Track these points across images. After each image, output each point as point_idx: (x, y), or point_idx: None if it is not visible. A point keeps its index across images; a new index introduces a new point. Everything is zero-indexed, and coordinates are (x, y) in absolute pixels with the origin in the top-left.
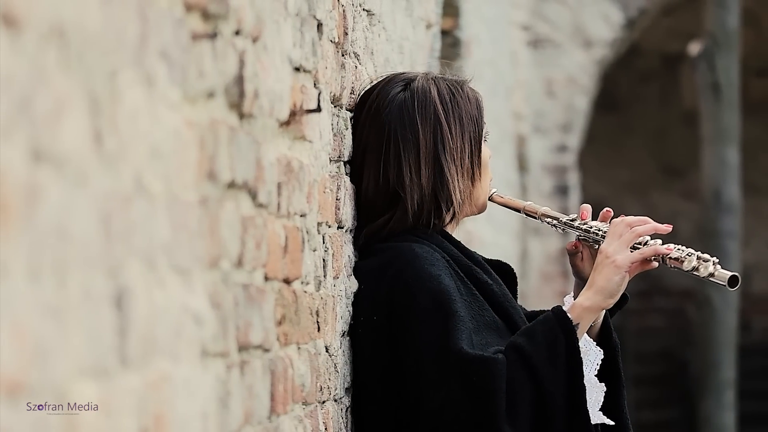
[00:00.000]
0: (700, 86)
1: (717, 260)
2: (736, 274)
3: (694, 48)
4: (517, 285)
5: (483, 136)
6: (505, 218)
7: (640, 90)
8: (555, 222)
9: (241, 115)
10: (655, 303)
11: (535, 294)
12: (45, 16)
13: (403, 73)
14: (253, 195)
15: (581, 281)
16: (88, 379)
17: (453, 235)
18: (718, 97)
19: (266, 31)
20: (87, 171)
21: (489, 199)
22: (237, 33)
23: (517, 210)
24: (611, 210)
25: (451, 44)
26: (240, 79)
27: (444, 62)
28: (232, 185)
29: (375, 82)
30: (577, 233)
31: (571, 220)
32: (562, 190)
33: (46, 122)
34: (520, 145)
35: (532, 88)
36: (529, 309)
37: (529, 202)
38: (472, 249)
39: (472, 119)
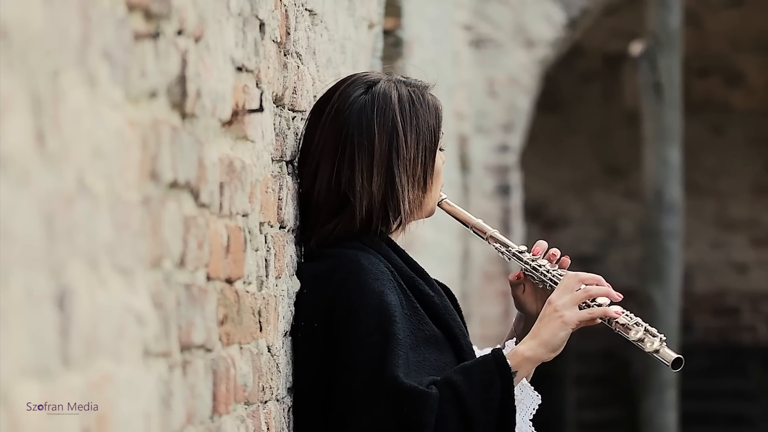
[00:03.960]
0: (642, 86)
1: (664, 338)
2: (681, 357)
3: (636, 48)
4: (459, 305)
5: (439, 145)
6: (447, 219)
7: (581, 90)
8: (503, 249)
9: (184, 115)
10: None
11: (476, 294)
12: None
13: (367, 74)
14: (196, 195)
15: (523, 314)
16: (30, 380)
17: (397, 243)
18: (659, 97)
19: (208, 30)
20: (29, 171)
21: (438, 205)
22: (179, 33)
23: (465, 224)
24: (558, 252)
25: (393, 44)
26: (182, 79)
27: (390, 67)
28: (174, 185)
29: (337, 82)
30: (524, 268)
31: (520, 252)
32: (503, 190)
33: None
34: (462, 145)
35: (474, 87)
36: (471, 310)
37: (478, 220)
38: (415, 249)
39: (429, 128)
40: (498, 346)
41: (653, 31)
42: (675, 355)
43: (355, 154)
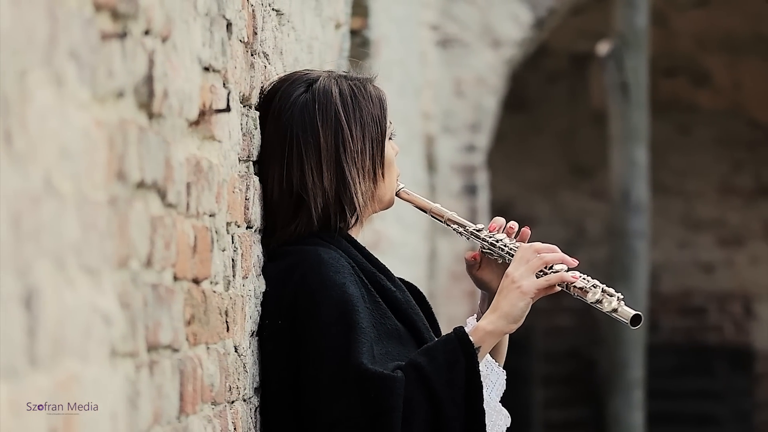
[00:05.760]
0: (609, 86)
1: (622, 296)
2: (639, 313)
3: (603, 48)
4: (428, 304)
5: (386, 135)
6: (413, 218)
7: (548, 90)
8: (461, 229)
9: (151, 115)
10: (564, 302)
11: (443, 294)
12: None
13: (307, 73)
14: (163, 195)
15: (486, 291)
16: None
17: (359, 239)
18: (626, 97)
19: (176, 30)
20: None
21: (396, 195)
22: (146, 33)
23: (424, 210)
24: (516, 225)
25: (360, 44)
26: (149, 79)
27: (353, 61)
28: (141, 185)
29: (278, 81)
30: (482, 245)
31: (478, 230)
32: (470, 190)
33: None
34: (428, 145)
35: (441, 87)
36: (438, 310)
37: (436, 205)
38: (381, 249)
39: (374, 120)
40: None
41: (620, 31)
42: (633, 312)
43: (303, 153)
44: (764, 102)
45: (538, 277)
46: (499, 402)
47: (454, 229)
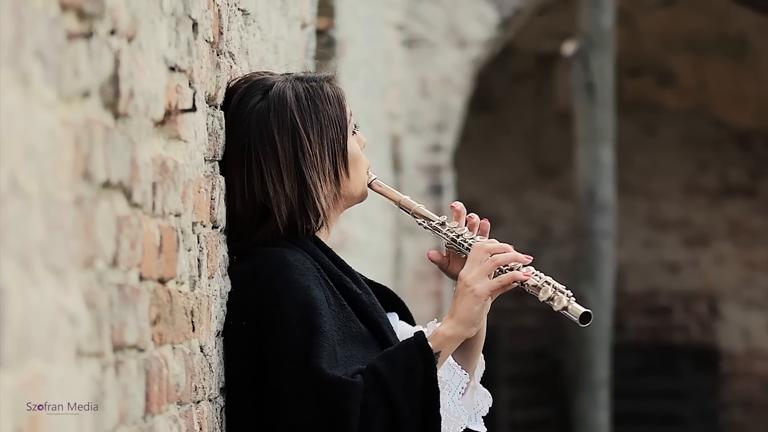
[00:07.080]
0: (575, 86)
1: (571, 294)
2: (589, 311)
3: (569, 48)
4: (402, 302)
5: (348, 132)
6: (379, 218)
7: (514, 90)
8: (425, 223)
9: (117, 115)
10: (529, 302)
11: (409, 293)
12: None
13: (263, 79)
14: (128, 195)
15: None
16: None
17: (327, 241)
18: (592, 97)
19: (141, 30)
20: None
21: (368, 186)
22: (112, 33)
23: (393, 201)
24: (474, 216)
25: (326, 44)
26: (115, 79)
27: (319, 61)
28: (107, 185)
29: (234, 86)
30: (445, 239)
31: (440, 224)
32: (436, 190)
33: None
34: (394, 145)
35: (407, 87)
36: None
37: (406, 197)
38: (347, 249)
39: (332, 121)
40: (421, 328)
41: (586, 31)
42: (582, 310)
43: (262, 162)
44: (729, 102)
45: (491, 278)
46: (479, 383)
47: (419, 223)
